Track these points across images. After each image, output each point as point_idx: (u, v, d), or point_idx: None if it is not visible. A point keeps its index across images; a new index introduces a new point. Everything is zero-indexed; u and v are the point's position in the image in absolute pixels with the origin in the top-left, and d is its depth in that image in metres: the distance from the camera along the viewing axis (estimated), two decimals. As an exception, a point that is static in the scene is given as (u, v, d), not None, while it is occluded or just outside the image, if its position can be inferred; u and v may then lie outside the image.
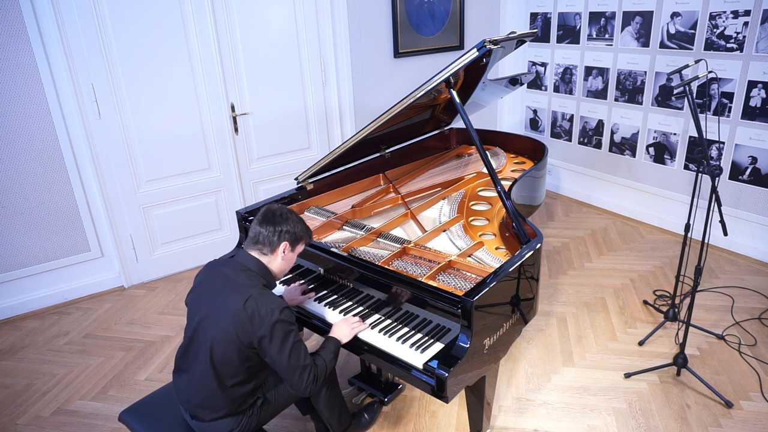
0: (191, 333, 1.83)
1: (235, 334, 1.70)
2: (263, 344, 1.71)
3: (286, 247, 1.85)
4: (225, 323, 1.72)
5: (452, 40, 4.65)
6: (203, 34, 3.51)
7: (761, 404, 2.48)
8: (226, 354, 1.73)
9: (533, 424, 2.43)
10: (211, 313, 1.77)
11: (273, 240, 1.83)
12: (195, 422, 1.86)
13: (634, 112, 4.22)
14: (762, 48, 3.39)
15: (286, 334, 1.72)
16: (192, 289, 1.90)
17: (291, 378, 1.77)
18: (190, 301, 1.89)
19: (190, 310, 1.87)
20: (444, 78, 2.22)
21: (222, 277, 1.81)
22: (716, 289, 3.38)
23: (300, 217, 1.92)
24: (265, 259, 1.85)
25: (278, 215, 1.86)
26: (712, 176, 2.33)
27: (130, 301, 3.59)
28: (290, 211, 1.90)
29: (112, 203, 3.54)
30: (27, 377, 2.88)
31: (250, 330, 1.70)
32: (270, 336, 1.70)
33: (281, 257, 1.86)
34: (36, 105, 3.20)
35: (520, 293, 2.06)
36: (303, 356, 1.77)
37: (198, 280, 1.90)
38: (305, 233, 1.91)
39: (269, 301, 1.72)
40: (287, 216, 1.87)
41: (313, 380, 1.80)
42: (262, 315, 1.69)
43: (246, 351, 1.74)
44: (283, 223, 1.84)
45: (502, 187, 2.28)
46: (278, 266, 1.87)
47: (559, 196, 5.01)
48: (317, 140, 4.22)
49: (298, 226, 1.88)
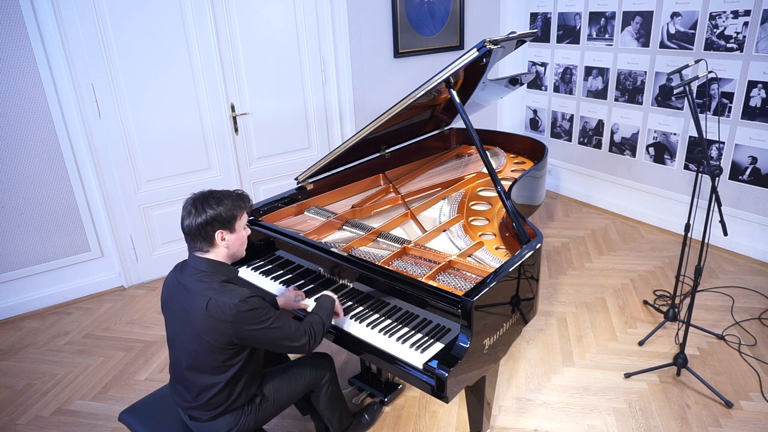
0: (173, 343, 1.82)
1: (211, 338, 1.68)
2: (243, 336, 1.69)
3: (222, 234, 1.72)
4: (197, 331, 1.70)
5: (452, 40, 4.65)
6: (203, 34, 3.51)
7: (761, 404, 2.48)
8: (209, 356, 1.72)
9: (533, 424, 2.43)
10: (180, 324, 1.75)
11: (206, 234, 1.70)
12: (194, 423, 1.86)
13: (634, 112, 4.21)
14: (762, 48, 3.39)
15: (258, 318, 1.69)
16: (162, 300, 1.85)
17: (289, 347, 1.78)
18: (163, 313, 1.85)
19: (166, 322, 1.85)
20: (444, 78, 2.22)
21: (179, 288, 1.76)
22: (716, 289, 3.38)
23: (224, 192, 1.75)
24: (210, 255, 1.74)
25: (197, 207, 1.69)
26: (712, 176, 2.33)
27: (130, 301, 3.59)
28: (209, 193, 1.73)
29: (112, 203, 3.54)
30: (27, 377, 2.88)
31: (222, 330, 1.67)
32: (244, 327, 1.67)
33: (224, 245, 1.73)
34: (36, 105, 3.20)
35: (520, 293, 2.06)
36: (287, 326, 1.76)
37: (164, 291, 1.85)
38: (236, 206, 1.73)
39: (230, 296, 1.67)
40: (206, 200, 1.70)
41: (310, 338, 1.80)
42: (227, 313, 1.65)
43: (228, 349, 1.72)
44: (203, 212, 1.68)
45: (502, 187, 2.27)
46: (227, 253, 1.76)
47: (559, 196, 5.01)
48: (317, 140, 4.22)
49: (223, 204, 1.70)
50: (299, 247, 2.29)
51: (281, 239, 2.36)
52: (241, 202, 1.76)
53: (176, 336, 1.80)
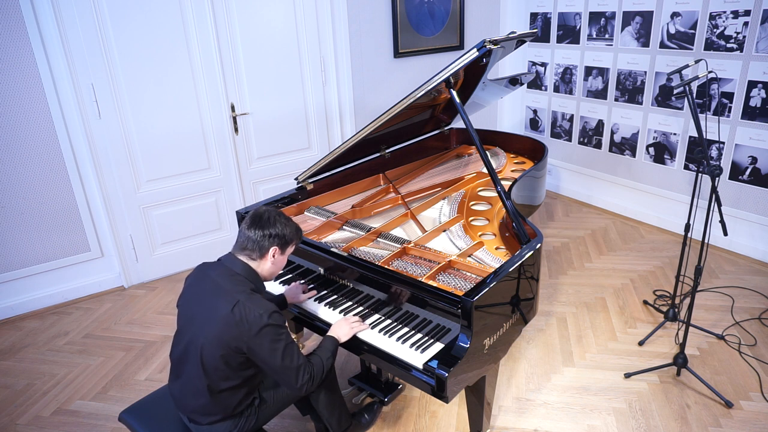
0: (181, 338, 1.82)
1: (224, 340, 1.69)
2: (254, 349, 1.69)
3: (276, 251, 1.83)
4: (213, 329, 1.70)
5: (452, 40, 4.65)
6: (203, 34, 3.51)
7: (761, 404, 2.48)
8: (216, 359, 1.72)
9: (533, 424, 2.43)
10: (199, 318, 1.75)
11: (263, 245, 1.80)
12: (193, 425, 1.86)
13: (634, 112, 4.21)
14: (762, 48, 3.39)
15: (276, 337, 1.70)
16: (182, 292, 1.88)
17: (287, 380, 1.76)
18: (180, 305, 1.87)
19: (180, 314, 1.85)
20: (444, 78, 2.22)
21: (210, 282, 1.78)
22: (716, 289, 3.38)
23: (289, 219, 1.88)
24: (253, 264, 1.82)
25: (266, 219, 1.81)
26: (712, 176, 2.33)
27: (130, 301, 3.59)
28: (279, 214, 1.86)
29: (112, 203, 3.54)
30: (27, 377, 2.88)
31: (239, 335, 1.68)
32: (260, 340, 1.68)
33: (271, 262, 1.83)
34: (36, 105, 3.20)
35: (520, 293, 2.06)
36: (296, 357, 1.76)
37: (188, 282, 1.88)
38: (295, 235, 1.88)
39: (257, 306, 1.69)
40: (276, 219, 1.83)
41: (309, 380, 1.79)
42: (251, 320, 1.67)
43: (237, 357, 1.72)
44: (271, 227, 1.80)
45: (502, 187, 2.27)
46: (268, 270, 1.85)
47: (559, 196, 5.01)
48: (317, 140, 4.22)
49: (287, 228, 1.84)
50: (299, 247, 2.29)
51: (281, 239, 2.36)
52: (300, 233, 1.92)
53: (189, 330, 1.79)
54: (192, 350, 1.76)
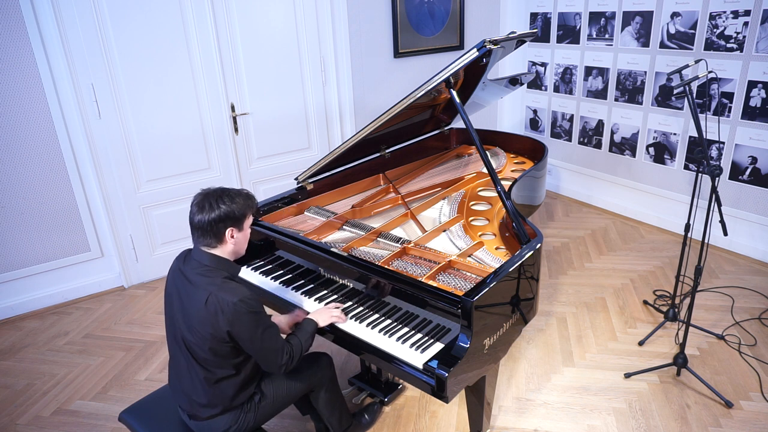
0: (170, 336, 1.84)
1: (206, 333, 1.70)
2: (235, 335, 1.71)
3: (233, 231, 1.75)
4: (193, 324, 1.72)
5: (452, 40, 4.65)
6: (203, 34, 3.51)
7: (761, 404, 2.48)
8: (204, 352, 1.74)
9: (533, 424, 2.43)
10: (179, 315, 1.77)
11: (216, 230, 1.72)
12: (193, 422, 1.86)
13: (634, 112, 4.21)
14: (762, 48, 3.38)
15: (254, 321, 1.71)
16: (165, 289, 1.88)
17: (266, 360, 1.79)
18: (165, 303, 1.88)
19: (165, 314, 1.87)
20: (444, 78, 2.22)
21: (182, 279, 1.78)
22: (716, 289, 3.38)
23: (235, 191, 1.78)
24: (216, 251, 1.77)
25: (210, 202, 1.71)
26: (712, 176, 2.33)
27: (130, 301, 3.59)
28: (221, 191, 1.75)
29: (112, 203, 3.54)
30: (27, 377, 2.88)
31: (218, 326, 1.69)
32: (239, 327, 1.69)
33: (231, 242, 1.77)
34: (36, 105, 3.20)
35: (520, 293, 2.06)
36: (275, 339, 1.78)
37: (167, 281, 1.87)
38: (246, 206, 1.77)
39: (231, 294, 1.69)
40: (218, 199, 1.72)
41: (288, 359, 1.82)
42: (225, 309, 1.67)
43: (223, 346, 1.73)
44: (216, 209, 1.70)
45: (502, 187, 2.27)
46: (231, 251, 1.79)
47: (559, 196, 5.01)
48: (317, 140, 4.22)
49: (234, 204, 1.73)
50: (299, 247, 2.29)
51: (281, 239, 2.36)
52: (251, 201, 1.81)
53: (174, 325, 1.81)
54: (181, 346, 1.79)
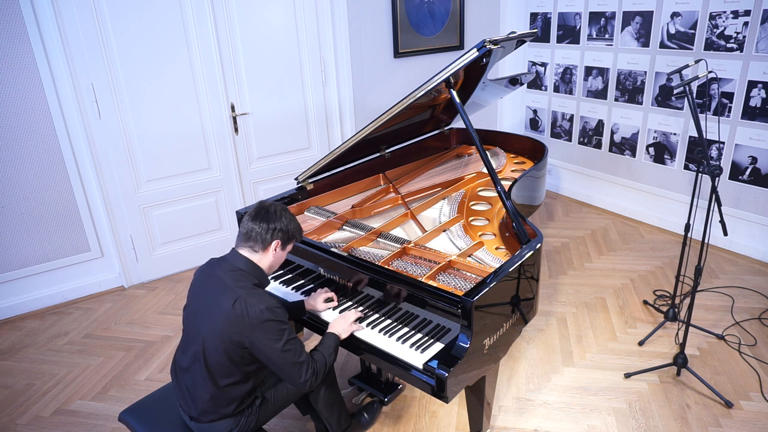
0: (186, 332, 1.84)
1: (226, 336, 1.70)
2: (255, 344, 1.70)
3: (278, 245, 1.83)
4: (216, 325, 1.71)
5: (452, 40, 4.65)
6: (203, 34, 3.51)
7: (761, 404, 2.48)
8: (219, 354, 1.73)
9: (533, 424, 2.43)
10: (203, 313, 1.77)
11: (265, 238, 1.80)
12: (194, 423, 1.86)
13: (634, 112, 4.21)
14: (762, 48, 3.38)
15: (278, 332, 1.71)
16: (190, 286, 1.90)
17: (290, 375, 1.77)
18: (188, 299, 1.89)
19: (186, 309, 1.87)
20: (444, 78, 2.22)
21: (214, 278, 1.80)
22: (716, 289, 3.38)
23: (292, 215, 1.89)
24: (255, 257, 1.82)
25: (271, 212, 1.83)
26: (712, 176, 2.33)
27: (130, 301, 3.59)
28: (283, 208, 1.87)
29: (112, 203, 3.54)
30: (27, 377, 2.88)
31: (241, 330, 1.69)
32: (261, 335, 1.69)
33: (272, 255, 1.84)
34: (36, 105, 3.20)
35: (520, 293, 2.06)
36: (299, 352, 1.77)
37: (195, 277, 1.90)
38: (297, 232, 1.90)
39: (258, 300, 1.70)
40: (280, 213, 1.84)
41: (312, 375, 1.79)
42: (252, 315, 1.68)
43: (239, 351, 1.73)
44: (276, 220, 1.82)
45: (502, 187, 2.27)
46: (268, 263, 1.85)
47: (559, 196, 5.01)
48: (317, 140, 4.22)
49: (291, 224, 1.86)
50: (299, 247, 2.29)
51: (281, 239, 2.36)
52: (300, 233, 1.93)
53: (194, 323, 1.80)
54: (196, 345, 1.77)
